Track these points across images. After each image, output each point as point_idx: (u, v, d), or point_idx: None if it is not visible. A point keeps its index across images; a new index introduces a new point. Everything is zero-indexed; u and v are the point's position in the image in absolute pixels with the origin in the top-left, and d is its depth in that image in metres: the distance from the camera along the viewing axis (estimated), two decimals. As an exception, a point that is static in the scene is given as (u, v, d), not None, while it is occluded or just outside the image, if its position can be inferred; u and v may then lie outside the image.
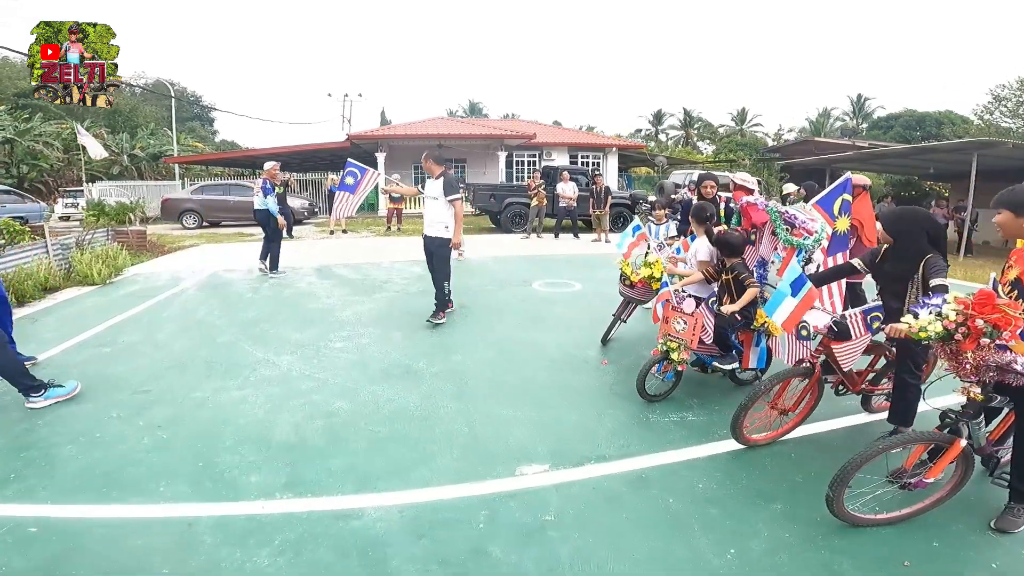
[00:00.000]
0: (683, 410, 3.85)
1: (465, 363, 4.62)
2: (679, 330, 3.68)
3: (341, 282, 7.73)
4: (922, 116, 43.05)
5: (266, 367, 4.57)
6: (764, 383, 3.12)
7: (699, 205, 4.19)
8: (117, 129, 38.52)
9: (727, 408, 3.88)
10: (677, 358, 3.70)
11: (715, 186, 5.51)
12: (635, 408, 3.86)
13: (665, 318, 3.79)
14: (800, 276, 2.79)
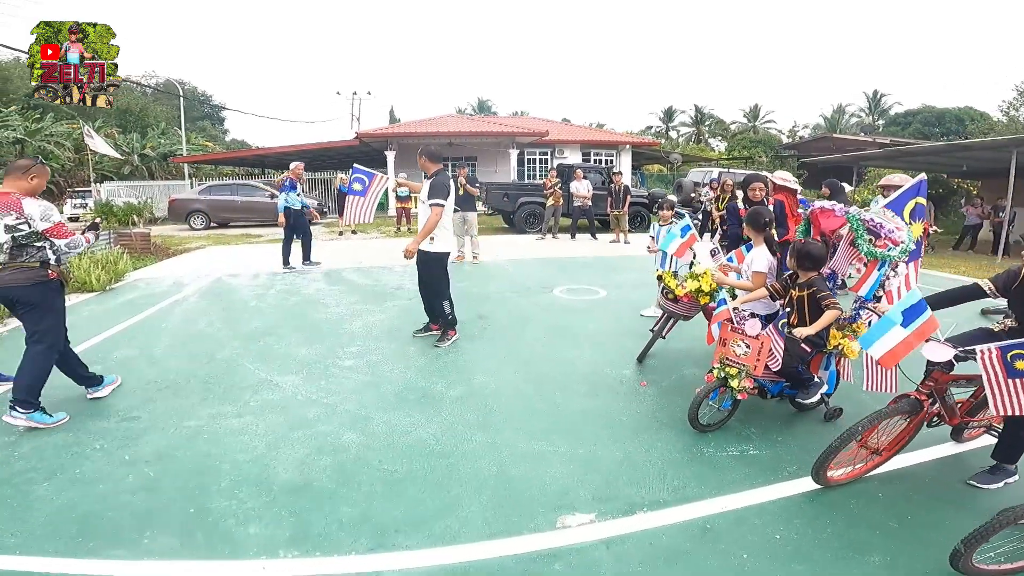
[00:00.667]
0: (742, 442, 3.38)
1: (488, 385, 4.16)
2: (740, 354, 3.20)
3: (351, 288, 7.30)
4: (941, 112, 42.15)
5: (268, 389, 4.14)
6: (863, 424, 2.64)
7: (756, 210, 3.70)
8: (128, 129, 38.51)
9: (791, 439, 3.42)
10: (737, 386, 3.22)
11: (764, 188, 4.98)
12: (686, 440, 3.39)
13: (722, 340, 3.31)
14: (919, 303, 2.29)
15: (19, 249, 3.39)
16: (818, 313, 3.16)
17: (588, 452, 3.25)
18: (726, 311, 3.35)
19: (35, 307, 3.52)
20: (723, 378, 3.28)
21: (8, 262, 3.37)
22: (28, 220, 3.34)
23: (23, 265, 3.42)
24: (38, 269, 3.48)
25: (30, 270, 3.45)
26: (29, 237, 3.38)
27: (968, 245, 13.81)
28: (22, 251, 3.40)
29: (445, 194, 4.72)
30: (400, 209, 14.39)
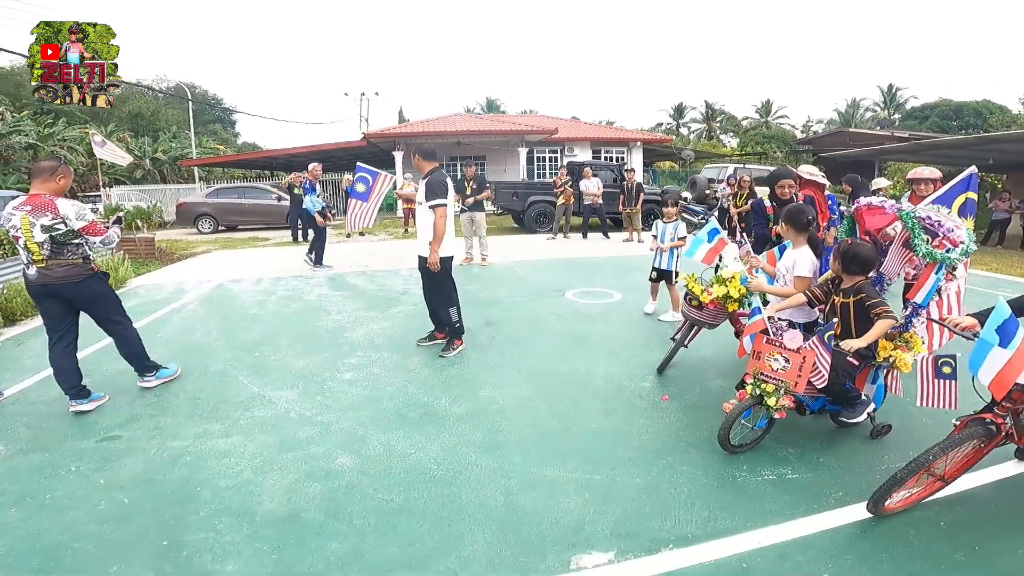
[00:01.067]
0: (778, 464, 3.05)
1: (495, 401, 3.84)
2: (777, 369, 2.86)
3: (354, 293, 7.03)
4: (959, 106, 41.15)
5: (260, 406, 3.86)
6: (933, 454, 2.31)
7: (797, 207, 3.33)
8: (140, 133, 38.79)
9: (834, 460, 3.08)
10: (775, 405, 2.87)
11: (793, 185, 4.58)
12: (715, 462, 3.07)
13: (756, 353, 2.97)
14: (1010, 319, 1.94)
15: (59, 247, 3.55)
16: (866, 322, 2.81)
17: (606, 478, 2.93)
18: (761, 322, 3.00)
19: (94, 299, 3.80)
20: (758, 395, 2.94)
21: (51, 259, 3.55)
22: (64, 220, 3.49)
23: (68, 263, 3.61)
24: (82, 265, 3.67)
25: (75, 266, 3.63)
26: (67, 236, 3.53)
27: (996, 240, 13.28)
28: (62, 249, 3.57)
29: (444, 192, 4.42)
30: (407, 210, 14.11)
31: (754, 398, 2.96)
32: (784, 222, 3.25)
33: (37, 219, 3.45)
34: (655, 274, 5.68)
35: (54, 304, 3.69)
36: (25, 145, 29.08)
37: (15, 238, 3.54)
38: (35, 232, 3.46)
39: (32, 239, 3.47)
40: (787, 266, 3.29)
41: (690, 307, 3.79)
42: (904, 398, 3.32)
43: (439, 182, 4.42)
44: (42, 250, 3.50)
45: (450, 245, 4.58)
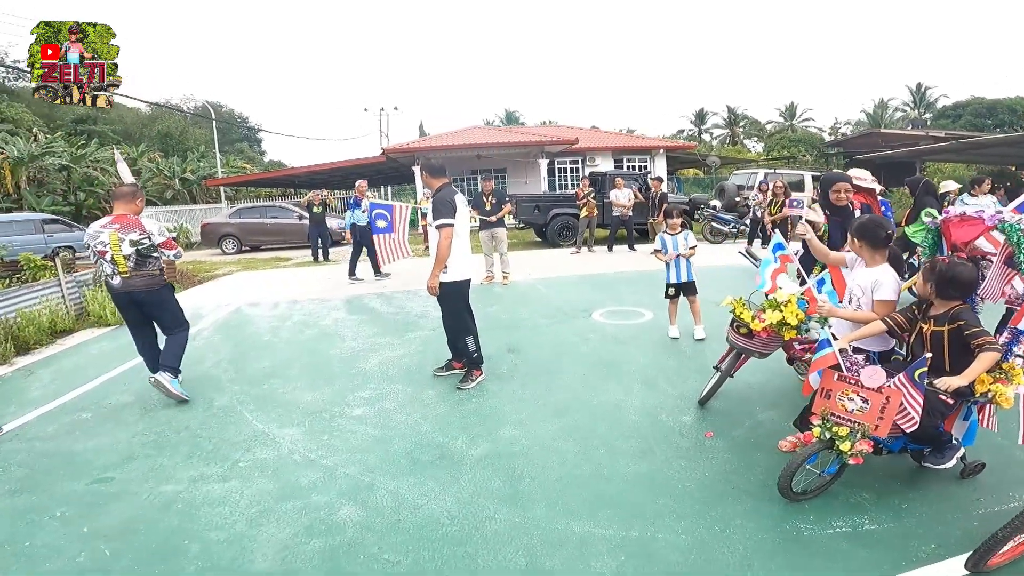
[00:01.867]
0: (852, 512, 2.64)
1: (518, 441, 3.48)
2: (853, 410, 2.45)
3: (371, 317, 6.75)
4: (993, 103, 39.59)
5: (263, 446, 3.58)
6: None
7: (873, 219, 2.89)
8: (169, 153, 39.70)
9: (919, 504, 2.66)
10: (849, 450, 2.46)
11: (850, 190, 4.03)
12: (775, 513, 2.67)
13: (825, 391, 2.57)
14: None
15: (142, 260, 4.10)
16: (963, 354, 2.38)
17: (644, 535, 2.55)
18: (831, 356, 2.58)
19: (163, 304, 4.31)
20: (828, 439, 2.53)
21: (134, 270, 4.08)
22: (149, 235, 4.10)
23: (147, 273, 4.15)
24: (159, 276, 4.25)
25: (153, 277, 4.20)
26: (149, 250, 4.12)
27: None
28: (144, 261, 4.12)
29: (450, 211, 4.09)
30: (426, 227, 13.84)
31: (823, 442, 2.54)
32: (856, 237, 2.80)
33: (126, 235, 4.02)
34: (672, 290, 5.28)
35: (135, 310, 4.26)
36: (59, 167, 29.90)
37: (102, 252, 4.02)
38: (123, 246, 4.01)
39: (120, 252, 4.01)
40: (862, 286, 2.82)
41: (738, 335, 3.36)
42: (998, 433, 2.86)
43: (444, 200, 4.10)
44: (128, 262, 4.04)
45: (463, 268, 4.25)
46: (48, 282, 7.28)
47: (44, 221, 17.43)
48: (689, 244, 5.20)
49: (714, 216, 13.00)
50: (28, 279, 8.03)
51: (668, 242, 5.22)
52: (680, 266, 5.20)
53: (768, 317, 3.05)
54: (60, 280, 7.33)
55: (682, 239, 5.21)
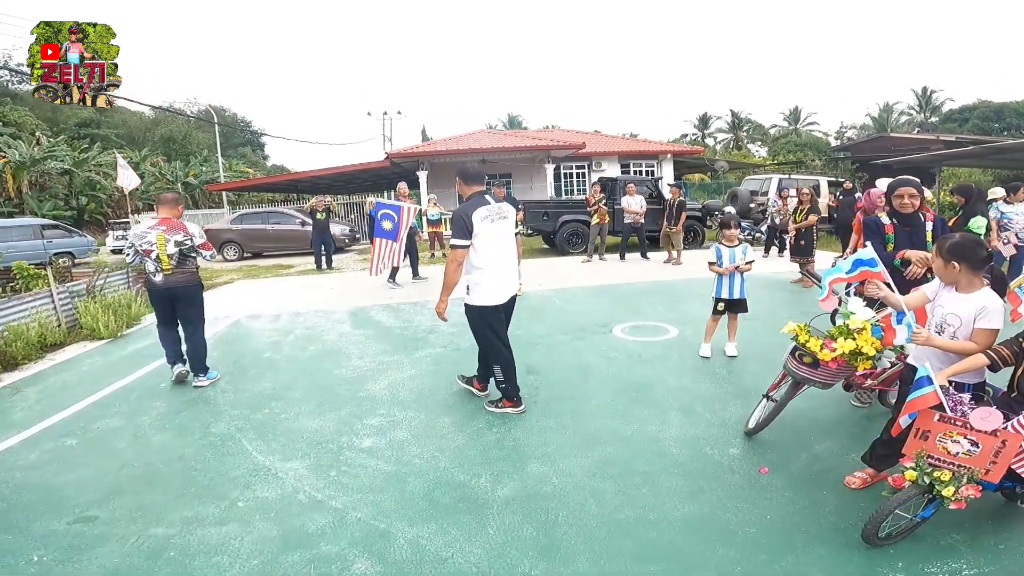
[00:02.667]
0: (945, 556, 2.32)
1: (548, 479, 3.10)
2: (958, 453, 2.10)
3: (378, 332, 6.37)
4: (1000, 107, 39.25)
5: (264, 482, 3.22)
6: None
7: (969, 238, 2.50)
8: (172, 157, 39.47)
9: (1016, 544, 2.34)
10: (951, 495, 2.10)
11: (916, 195, 3.52)
12: (857, 560, 2.33)
13: (922, 432, 2.22)
14: None
15: (183, 258, 4.57)
16: None
17: (706, 599, 2.19)
18: (933, 396, 2.21)
19: (195, 300, 4.73)
20: (928, 484, 2.18)
21: (176, 268, 4.54)
22: (191, 237, 4.59)
23: (187, 271, 4.64)
24: (195, 273, 4.74)
25: (191, 274, 4.69)
26: (191, 250, 4.59)
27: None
28: (185, 260, 4.60)
29: (462, 230, 3.63)
30: (432, 234, 13.49)
31: (920, 487, 2.19)
32: (954, 259, 2.42)
33: (171, 236, 4.50)
34: (722, 306, 4.92)
35: (168, 305, 4.67)
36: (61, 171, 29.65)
37: (147, 251, 4.48)
38: (168, 246, 4.48)
39: (165, 251, 4.48)
40: (961, 315, 2.40)
41: (800, 364, 2.99)
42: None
43: (460, 216, 3.66)
44: (171, 261, 4.51)
45: (489, 291, 3.82)
46: (39, 293, 6.93)
47: (43, 227, 17.13)
48: (747, 258, 4.88)
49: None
50: (21, 288, 7.70)
51: (725, 254, 4.87)
52: (735, 280, 4.88)
53: (840, 346, 2.68)
54: (52, 291, 6.98)
55: (740, 252, 4.88)
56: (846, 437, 3.50)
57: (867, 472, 2.88)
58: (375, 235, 7.49)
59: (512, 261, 3.92)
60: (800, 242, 8.13)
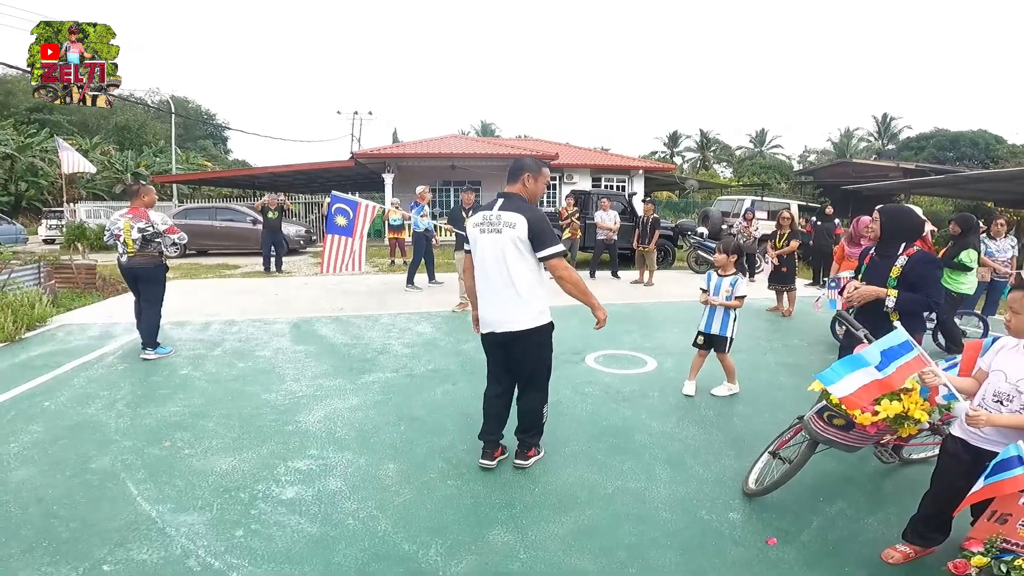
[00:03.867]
0: None
1: (514, 551, 2.44)
2: None
3: (321, 349, 5.58)
4: (955, 136, 41.02)
5: (144, 539, 2.49)
6: None
7: None
8: (125, 146, 37.55)
9: None
10: None
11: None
12: None
13: (1000, 515, 1.73)
14: None
15: (146, 243, 5.11)
16: None
17: None
18: (1021, 478, 1.70)
19: (152, 281, 5.23)
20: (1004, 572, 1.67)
21: (139, 252, 5.09)
22: (153, 224, 5.12)
23: (148, 255, 5.15)
24: (156, 257, 5.22)
25: (152, 258, 5.18)
26: (153, 236, 5.13)
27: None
28: (148, 245, 5.12)
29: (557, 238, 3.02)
30: (393, 240, 12.68)
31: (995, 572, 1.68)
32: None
33: (135, 223, 5.07)
34: (703, 339, 4.41)
35: (132, 281, 5.28)
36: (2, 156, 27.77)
37: (117, 236, 5.10)
38: (133, 232, 5.04)
39: (130, 236, 5.04)
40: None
41: (828, 425, 2.44)
42: None
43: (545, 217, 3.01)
44: (135, 245, 5.06)
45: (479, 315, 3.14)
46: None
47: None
48: (737, 292, 4.30)
49: (700, 244, 12.32)
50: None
51: (712, 282, 4.37)
52: (715, 314, 4.33)
53: (884, 409, 2.15)
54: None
55: (727, 283, 4.31)
56: (860, 496, 3.01)
57: (910, 547, 2.39)
58: (327, 231, 7.02)
59: (496, 288, 2.97)
60: (782, 268, 7.73)
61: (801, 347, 6.10)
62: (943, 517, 2.25)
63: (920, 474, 3.26)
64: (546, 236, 2.91)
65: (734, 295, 4.30)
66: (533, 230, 2.86)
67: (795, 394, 4.45)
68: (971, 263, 5.75)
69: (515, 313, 2.95)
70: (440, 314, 7.20)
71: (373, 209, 7.27)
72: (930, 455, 3.32)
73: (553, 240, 2.93)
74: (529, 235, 2.86)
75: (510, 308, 2.94)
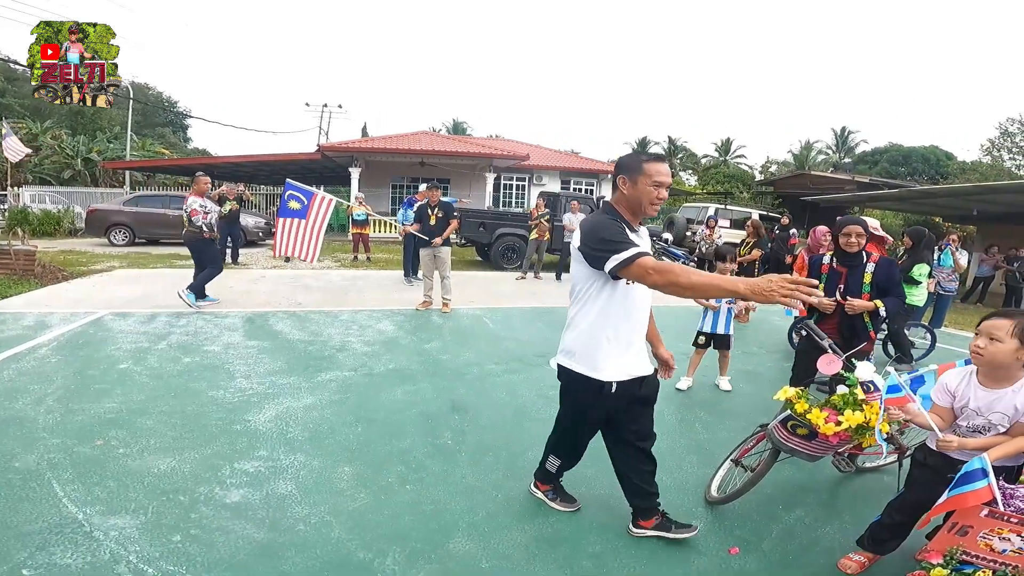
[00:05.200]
0: None
1: (477, 562, 2.31)
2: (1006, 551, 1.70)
3: (275, 345, 5.33)
4: (908, 152, 42.79)
5: (69, 543, 2.29)
6: None
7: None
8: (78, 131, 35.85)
9: None
10: None
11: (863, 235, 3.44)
12: None
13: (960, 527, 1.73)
14: None
15: (188, 221, 6.61)
16: None
17: None
18: (987, 491, 1.70)
19: (194, 251, 6.80)
20: None
21: (187, 227, 6.63)
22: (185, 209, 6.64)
23: (191, 230, 6.65)
24: (198, 233, 6.64)
25: (194, 233, 6.65)
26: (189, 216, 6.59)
27: (977, 297, 12.78)
28: (190, 222, 6.61)
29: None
30: (356, 235, 12.38)
31: None
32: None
33: (182, 206, 6.77)
34: (703, 339, 4.74)
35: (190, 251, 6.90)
36: (-56, 139, 26.06)
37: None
38: (183, 213, 6.61)
39: (184, 216, 6.61)
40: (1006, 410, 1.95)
41: (792, 435, 2.42)
42: None
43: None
44: (185, 222, 6.60)
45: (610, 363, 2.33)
46: None
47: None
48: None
49: (665, 250, 12.49)
50: None
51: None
52: (720, 315, 4.67)
53: (847, 419, 2.15)
54: None
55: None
56: (816, 505, 3.03)
57: (865, 555, 2.40)
58: (279, 215, 7.09)
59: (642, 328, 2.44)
60: (742, 276, 7.88)
61: (760, 354, 6.19)
62: (906, 526, 2.26)
63: (874, 483, 3.31)
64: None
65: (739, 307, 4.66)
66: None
67: (754, 401, 4.50)
68: (921, 277, 5.95)
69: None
70: (403, 312, 7.02)
71: (329, 202, 7.08)
72: (882, 464, 3.39)
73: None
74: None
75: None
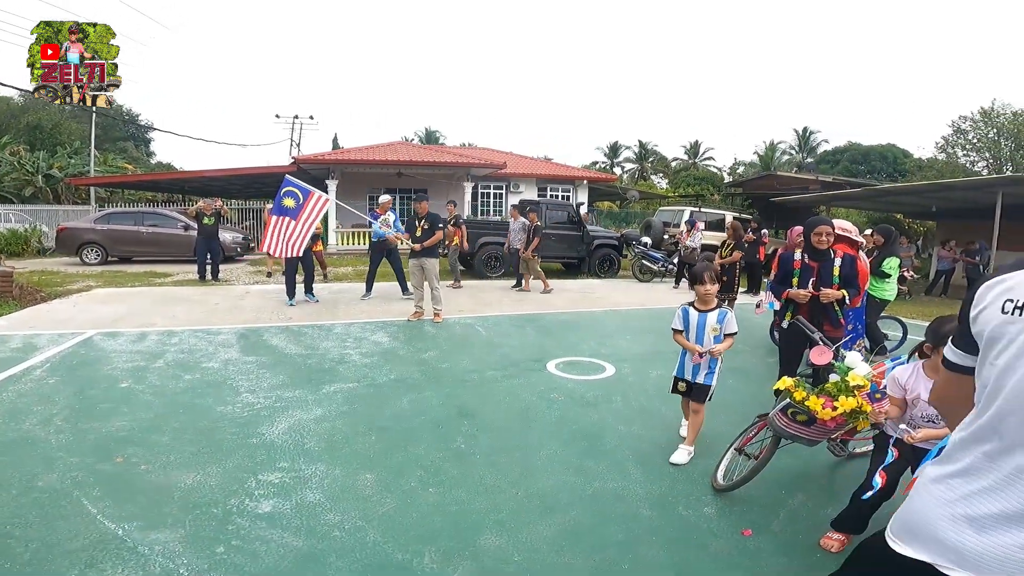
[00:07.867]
0: None
1: (508, 555, 2.44)
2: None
3: (274, 360, 5.35)
4: (867, 150, 44.25)
5: (116, 559, 2.35)
6: None
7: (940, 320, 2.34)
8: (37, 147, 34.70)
9: None
10: None
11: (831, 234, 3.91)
12: None
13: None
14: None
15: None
16: None
17: None
18: None
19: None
20: None
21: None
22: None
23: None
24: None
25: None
26: None
27: (941, 290, 13.42)
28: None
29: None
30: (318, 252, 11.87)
31: None
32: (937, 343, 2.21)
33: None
34: (683, 386, 3.52)
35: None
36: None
37: None
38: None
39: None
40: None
41: (792, 421, 2.61)
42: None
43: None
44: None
45: None
46: None
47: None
48: (727, 329, 3.34)
49: (644, 254, 12.76)
50: None
51: (693, 320, 3.37)
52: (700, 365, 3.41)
53: (841, 404, 2.37)
54: None
55: (714, 321, 3.33)
56: (816, 489, 3.26)
57: (846, 536, 2.61)
58: (272, 212, 7.00)
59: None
60: (723, 278, 8.13)
61: (744, 351, 6.44)
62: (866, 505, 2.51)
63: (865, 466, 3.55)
64: None
65: (723, 333, 3.34)
66: None
67: (743, 396, 4.69)
68: (892, 271, 6.28)
69: None
70: (395, 323, 7.09)
71: (325, 201, 7.07)
72: (868, 449, 3.64)
73: None
74: None
75: None
